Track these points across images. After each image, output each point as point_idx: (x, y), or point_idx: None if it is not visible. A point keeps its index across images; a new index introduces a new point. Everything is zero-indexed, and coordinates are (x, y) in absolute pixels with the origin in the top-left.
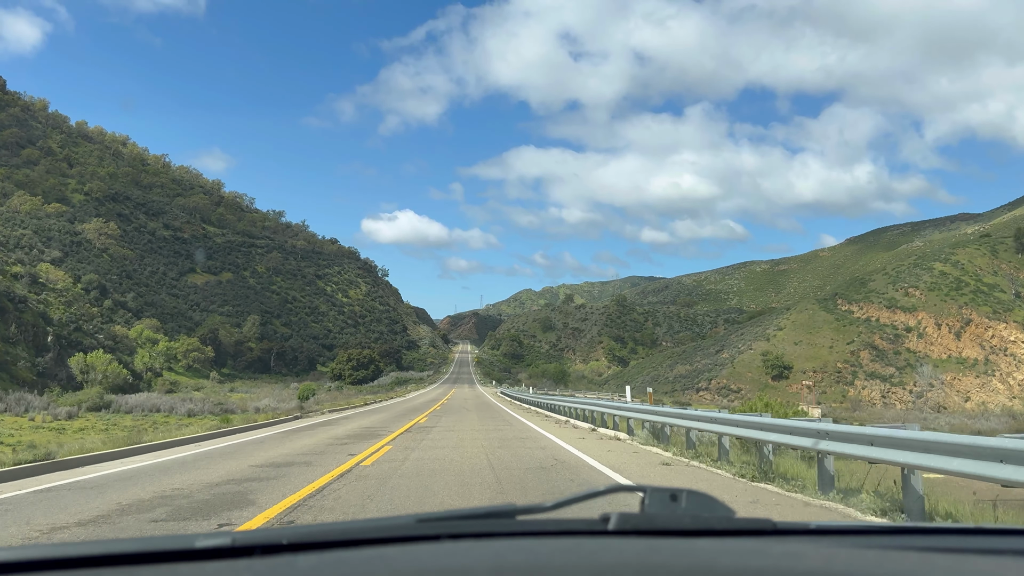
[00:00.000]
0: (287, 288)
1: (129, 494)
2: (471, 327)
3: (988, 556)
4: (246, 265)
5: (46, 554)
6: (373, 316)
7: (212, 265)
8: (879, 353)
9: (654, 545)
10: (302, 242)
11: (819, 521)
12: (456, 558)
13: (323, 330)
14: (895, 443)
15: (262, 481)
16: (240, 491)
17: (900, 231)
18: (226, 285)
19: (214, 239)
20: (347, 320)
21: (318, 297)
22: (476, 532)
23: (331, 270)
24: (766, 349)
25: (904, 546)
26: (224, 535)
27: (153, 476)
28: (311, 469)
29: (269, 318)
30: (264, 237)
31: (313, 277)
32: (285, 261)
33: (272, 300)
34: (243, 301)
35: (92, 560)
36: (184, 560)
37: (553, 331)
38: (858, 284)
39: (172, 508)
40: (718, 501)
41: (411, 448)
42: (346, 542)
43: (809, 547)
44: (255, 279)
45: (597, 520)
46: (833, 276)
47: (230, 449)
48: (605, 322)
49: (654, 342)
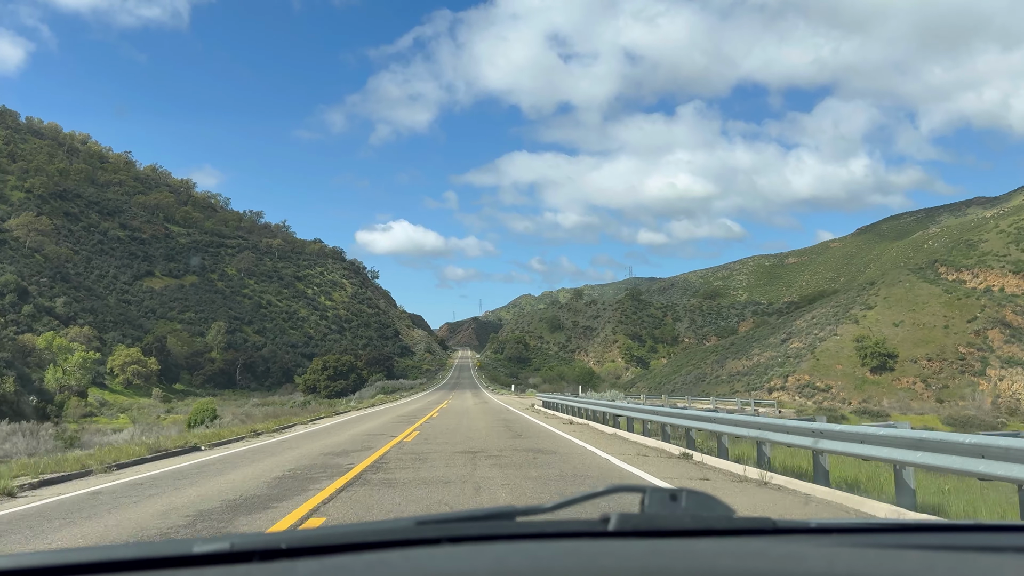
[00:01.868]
0: (261, 291)
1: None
2: (470, 333)
3: (989, 553)
4: (214, 267)
5: (43, 561)
6: (361, 320)
7: (174, 268)
8: (1015, 332)
9: (654, 546)
10: (279, 241)
11: (819, 519)
12: (456, 562)
13: (303, 337)
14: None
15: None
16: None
17: (913, 218)
18: (189, 289)
19: (177, 239)
20: (331, 325)
21: (297, 301)
22: (476, 535)
23: (312, 271)
24: (859, 334)
25: (904, 544)
26: (223, 540)
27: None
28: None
29: (239, 325)
30: (237, 237)
31: (292, 279)
32: (259, 262)
33: (244, 305)
34: (208, 307)
35: (89, 567)
36: (182, 566)
37: (562, 331)
38: (964, 247)
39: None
40: (718, 500)
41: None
42: (346, 546)
43: (810, 547)
44: (224, 282)
45: (597, 521)
46: (847, 267)
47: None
48: (619, 319)
49: (675, 339)
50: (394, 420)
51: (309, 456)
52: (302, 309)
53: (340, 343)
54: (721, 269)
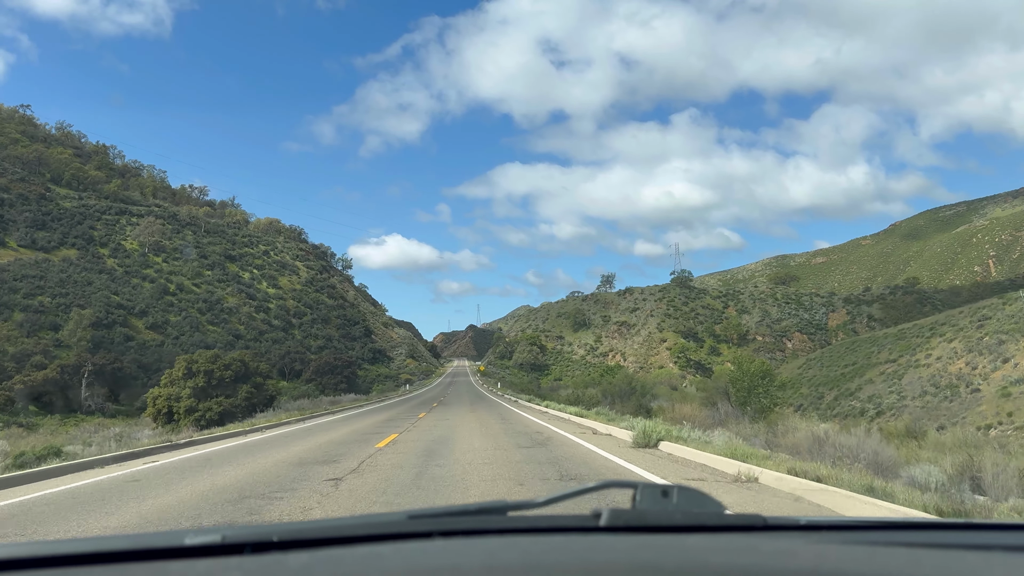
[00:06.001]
0: (171, 272)
1: None
2: (467, 343)
3: (977, 552)
4: (108, 239)
5: (35, 552)
6: (317, 314)
7: (44, 238)
8: None
9: (645, 541)
10: (206, 209)
11: (809, 516)
12: (448, 556)
13: (226, 335)
14: None
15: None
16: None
17: (953, 211)
18: (58, 266)
19: (60, 203)
20: (272, 320)
21: (226, 286)
22: (468, 529)
23: (253, 249)
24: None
25: (893, 541)
26: (214, 532)
27: None
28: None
29: (123, 316)
30: (153, 206)
31: (221, 258)
32: (176, 235)
33: (141, 290)
34: (80, 289)
35: (81, 558)
36: (174, 558)
37: (588, 328)
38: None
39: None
40: (709, 497)
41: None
42: (337, 539)
43: (800, 543)
44: (118, 259)
45: (589, 516)
46: (884, 265)
47: None
48: (666, 311)
49: (743, 336)
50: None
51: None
52: (230, 297)
53: (285, 344)
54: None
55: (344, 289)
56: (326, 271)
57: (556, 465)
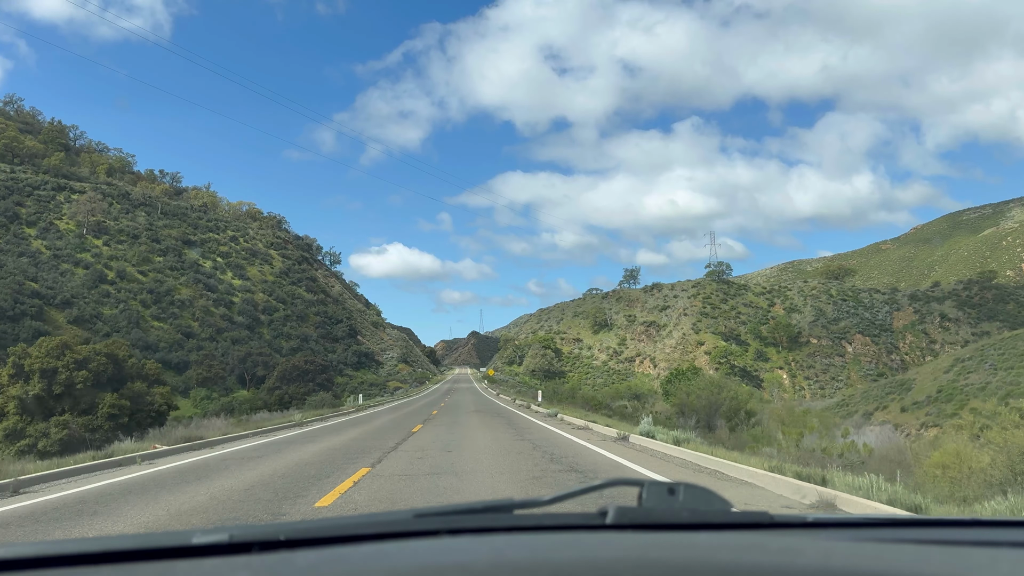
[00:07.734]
0: (112, 257)
1: None
2: (469, 350)
3: (984, 548)
4: (37, 218)
5: (43, 551)
6: (291, 310)
7: None
8: None
9: (652, 539)
10: (164, 187)
11: (816, 514)
12: (454, 554)
13: (175, 333)
14: None
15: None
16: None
17: (977, 214)
18: None
19: None
20: (235, 315)
21: (181, 275)
22: (474, 527)
23: (219, 235)
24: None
25: (900, 539)
26: (221, 531)
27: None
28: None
29: (40, 307)
30: (102, 184)
31: (178, 243)
32: (125, 215)
33: (72, 277)
34: None
35: (88, 557)
36: (181, 557)
37: (610, 329)
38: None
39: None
40: (715, 494)
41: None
42: (344, 538)
43: (806, 540)
44: (47, 240)
45: (595, 514)
46: (907, 270)
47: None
48: (702, 309)
49: (795, 339)
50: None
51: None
52: (184, 288)
53: (250, 344)
54: (756, 276)
55: (328, 283)
56: (306, 262)
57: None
